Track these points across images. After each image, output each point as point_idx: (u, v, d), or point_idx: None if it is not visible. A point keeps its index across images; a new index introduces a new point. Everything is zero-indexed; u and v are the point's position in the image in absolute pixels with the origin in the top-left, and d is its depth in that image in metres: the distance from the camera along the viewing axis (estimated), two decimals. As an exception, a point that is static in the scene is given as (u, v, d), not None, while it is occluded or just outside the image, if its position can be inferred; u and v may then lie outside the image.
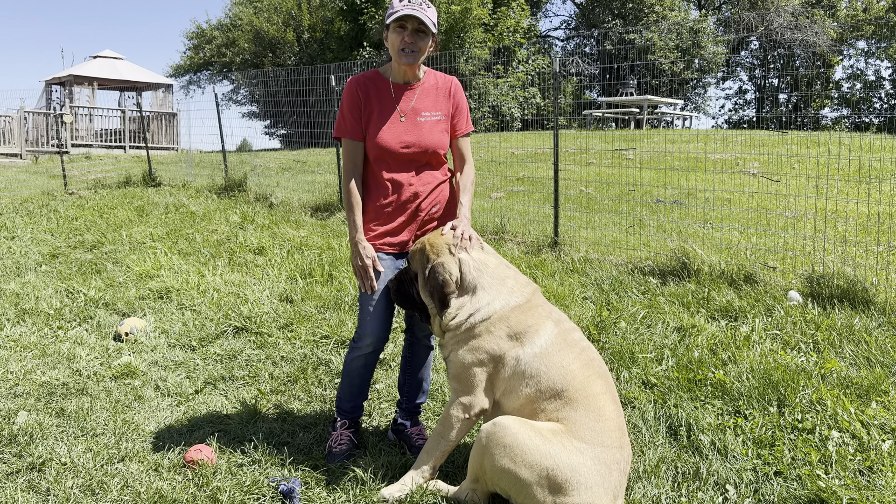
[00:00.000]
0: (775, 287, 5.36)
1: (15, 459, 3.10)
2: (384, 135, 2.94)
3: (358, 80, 3.00)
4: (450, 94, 3.10)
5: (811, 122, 32.10)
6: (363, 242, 2.95)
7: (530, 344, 2.64)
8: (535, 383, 2.59)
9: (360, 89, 2.97)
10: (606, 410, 2.54)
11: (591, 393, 2.56)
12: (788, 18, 31.30)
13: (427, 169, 3.05)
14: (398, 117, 2.98)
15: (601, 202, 9.27)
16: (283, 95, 12.93)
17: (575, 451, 2.42)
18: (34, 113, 22.00)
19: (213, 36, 32.84)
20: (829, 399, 3.42)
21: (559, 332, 2.68)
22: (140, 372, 4.17)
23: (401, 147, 2.95)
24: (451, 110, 3.09)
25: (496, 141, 14.08)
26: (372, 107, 2.97)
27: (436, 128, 3.03)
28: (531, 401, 2.59)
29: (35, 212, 10.24)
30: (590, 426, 2.48)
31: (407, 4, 2.84)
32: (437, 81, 3.09)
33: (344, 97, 2.99)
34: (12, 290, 5.93)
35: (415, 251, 2.90)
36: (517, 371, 2.64)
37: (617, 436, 2.51)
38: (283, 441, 3.27)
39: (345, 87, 3.01)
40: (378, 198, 3.01)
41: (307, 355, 4.41)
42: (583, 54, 31.69)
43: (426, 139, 2.99)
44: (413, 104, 3.00)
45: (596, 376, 2.62)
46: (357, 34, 24.37)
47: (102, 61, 25.53)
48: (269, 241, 7.63)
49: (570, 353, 2.64)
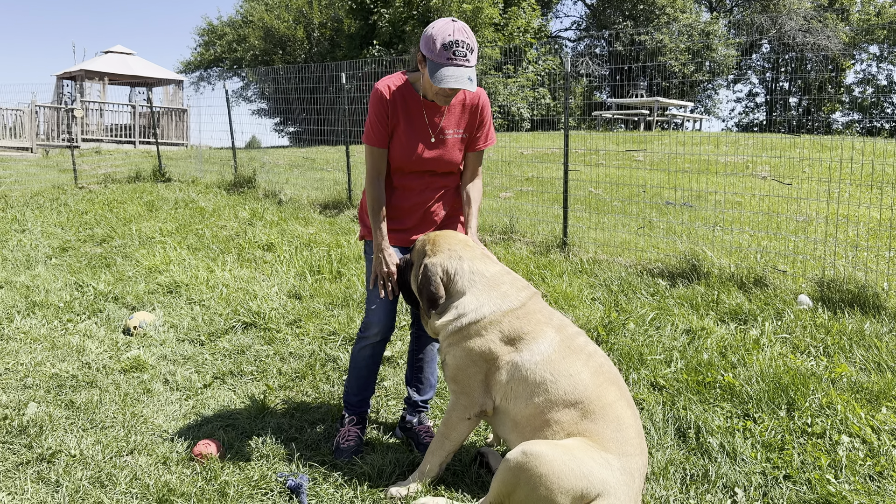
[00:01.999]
0: (785, 291, 5.34)
1: (25, 450, 3.11)
2: (410, 151, 2.94)
3: (387, 88, 2.92)
4: (477, 109, 3.04)
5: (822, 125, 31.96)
6: (389, 250, 2.96)
7: (529, 351, 2.60)
8: (544, 392, 2.54)
9: (388, 99, 2.91)
10: (625, 418, 2.50)
11: (608, 402, 2.51)
12: (800, 22, 31.15)
13: (440, 178, 3.08)
14: (429, 137, 2.96)
15: (610, 203, 9.25)
16: (293, 93, 12.96)
17: (605, 464, 2.37)
18: (45, 107, 22.12)
19: (224, 32, 32.97)
20: (839, 403, 3.40)
21: (562, 339, 2.63)
22: (149, 366, 4.19)
23: (420, 162, 2.98)
24: (474, 126, 3.06)
25: (505, 141, 14.06)
26: (398, 117, 2.93)
27: (456, 145, 3.04)
28: (541, 410, 2.54)
29: (45, 205, 10.30)
30: (612, 437, 2.44)
31: (454, 65, 2.68)
32: (464, 96, 3.01)
33: (372, 104, 2.93)
34: (22, 282, 5.96)
35: (418, 242, 2.90)
36: (518, 377, 2.59)
37: (637, 442, 2.48)
38: (291, 436, 3.28)
39: (372, 93, 2.94)
40: (391, 200, 3.03)
41: (315, 352, 4.42)
42: (593, 55, 31.64)
43: (447, 156, 3.02)
44: (441, 123, 2.98)
45: (608, 383, 2.57)
46: (367, 33, 24.39)
47: (114, 56, 25.65)
48: (278, 238, 7.65)
49: (577, 361, 2.59)
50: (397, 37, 22.86)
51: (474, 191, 3.13)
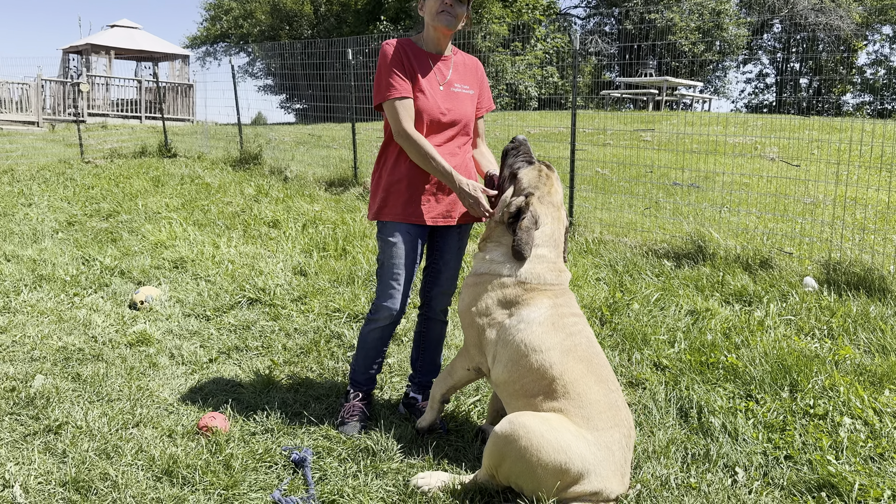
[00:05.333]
0: (791, 273, 5.32)
1: (32, 422, 3.15)
2: (428, 100, 2.96)
3: (395, 42, 2.99)
4: (476, 68, 3.18)
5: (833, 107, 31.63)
6: (464, 180, 2.88)
7: (517, 316, 2.66)
8: (515, 362, 2.61)
9: (401, 50, 2.96)
10: (589, 394, 2.50)
11: (571, 379, 2.52)
12: (813, 1, 30.72)
13: (456, 139, 3.07)
14: (438, 86, 3.01)
15: (617, 184, 9.21)
16: (299, 69, 12.88)
17: (581, 438, 2.40)
18: (51, 81, 22.06)
19: (231, 7, 32.72)
20: (842, 385, 3.40)
21: (552, 315, 2.65)
22: (155, 340, 4.22)
23: (440, 113, 2.98)
24: (479, 85, 3.17)
25: (512, 119, 13.98)
26: (414, 71, 2.97)
27: (467, 100, 3.09)
28: (514, 379, 2.61)
29: (52, 179, 10.32)
30: (577, 413, 2.47)
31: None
32: (464, 59, 3.16)
33: (386, 59, 2.93)
34: (29, 255, 5.99)
35: (534, 169, 2.85)
36: (502, 339, 2.67)
37: (608, 415, 2.48)
38: (295, 411, 3.30)
39: (382, 49, 2.96)
40: (408, 171, 3.00)
41: (320, 328, 4.44)
42: (602, 33, 31.31)
43: (460, 109, 3.04)
44: (449, 76, 3.05)
45: (576, 361, 2.57)
46: (374, 8, 24.19)
47: (120, 31, 25.51)
48: (284, 215, 7.65)
49: (554, 337, 2.60)
50: (404, 12, 22.65)
51: (486, 152, 3.27)
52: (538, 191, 2.78)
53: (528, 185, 2.79)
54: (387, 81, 2.91)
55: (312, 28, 27.93)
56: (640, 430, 3.11)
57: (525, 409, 2.55)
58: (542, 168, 2.85)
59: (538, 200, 2.76)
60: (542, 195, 2.78)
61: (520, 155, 2.90)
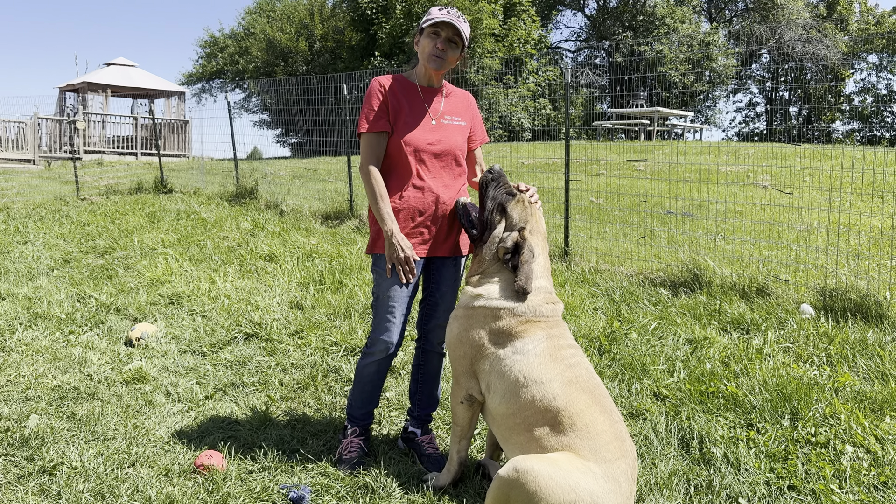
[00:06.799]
0: (787, 300, 5.33)
1: (26, 463, 3.11)
2: (414, 133, 3.01)
3: (382, 78, 3.08)
4: (469, 102, 3.24)
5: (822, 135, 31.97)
6: (399, 234, 2.94)
7: (512, 346, 2.65)
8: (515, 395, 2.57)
9: (385, 86, 3.04)
10: (596, 424, 2.48)
11: (576, 411, 2.50)
12: (799, 31, 31.27)
13: (448, 170, 3.10)
14: (429, 119, 3.06)
15: (611, 213, 9.25)
16: (294, 104, 13.01)
17: (589, 473, 2.36)
18: (48, 119, 22.20)
19: (226, 44, 33.14)
20: (842, 413, 3.39)
21: (549, 346, 2.64)
22: (151, 377, 4.18)
23: (427, 144, 3.03)
24: (471, 117, 3.22)
25: (506, 151, 14.09)
26: (400, 105, 3.02)
27: (458, 131, 3.13)
28: (513, 413, 2.58)
29: (47, 217, 10.32)
30: (585, 445, 2.44)
31: (446, 14, 2.93)
32: (456, 92, 3.22)
33: (369, 94, 3.04)
34: (25, 294, 5.97)
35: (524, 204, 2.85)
36: (496, 370, 2.65)
37: (615, 446, 2.46)
38: (293, 448, 3.27)
39: (369, 85, 3.07)
40: (399, 195, 3.01)
41: (317, 362, 4.41)
42: (593, 66, 31.75)
43: (449, 140, 3.08)
44: (441, 108, 3.10)
45: (579, 392, 2.55)
46: (368, 44, 24.52)
47: (116, 69, 25.77)
48: (280, 249, 7.66)
49: (554, 369, 2.58)
50: (397, 47, 22.97)
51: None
52: (528, 223, 2.80)
53: (518, 218, 2.81)
54: (361, 117, 3.05)
55: (307, 64, 28.27)
56: (642, 461, 3.09)
57: (527, 445, 2.51)
58: (525, 198, 2.87)
59: (530, 233, 2.78)
60: (532, 227, 2.80)
61: (500, 186, 2.89)
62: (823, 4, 38.23)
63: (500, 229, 2.82)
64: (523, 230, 2.76)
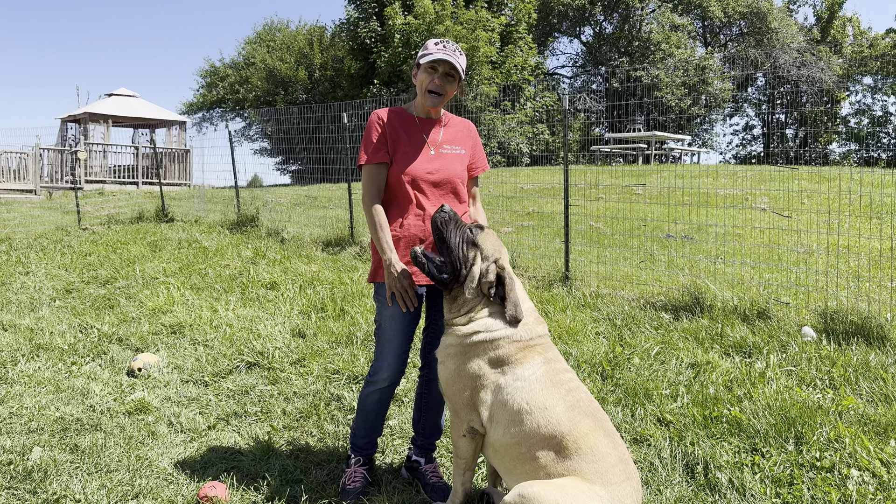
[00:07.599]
0: (789, 323, 5.34)
1: (30, 496, 3.09)
2: (414, 163, 3.04)
3: (380, 111, 3.12)
4: (468, 134, 3.26)
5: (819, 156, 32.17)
6: (399, 264, 2.94)
7: (512, 374, 2.64)
8: (519, 423, 2.56)
9: (384, 119, 3.09)
10: (601, 447, 2.49)
11: (581, 434, 2.50)
12: (794, 55, 31.62)
13: (447, 199, 3.12)
14: (428, 150, 3.10)
15: (611, 237, 9.29)
16: (295, 132, 13.12)
17: (595, 497, 2.36)
18: (49, 150, 22.35)
19: (227, 74, 33.50)
20: (847, 437, 3.38)
21: (547, 370, 2.65)
22: (153, 408, 4.18)
23: (426, 173, 3.06)
24: (471, 146, 3.25)
25: (505, 176, 14.18)
26: (399, 136, 3.07)
27: (457, 160, 3.16)
28: (518, 441, 2.56)
29: (49, 247, 10.35)
30: (591, 469, 2.44)
31: (442, 49, 2.97)
32: (455, 120, 3.25)
33: (368, 127, 3.10)
34: (27, 325, 5.97)
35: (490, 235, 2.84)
36: (499, 400, 2.63)
37: (620, 469, 2.47)
38: (296, 478, 3.26)
39: (368, 119, 3.12)
40: (399, 223, 3.04)
41: (320, 391, 4.41)
42: (590, 91, 32.05)
43: (449, 168, 3.10)
44: (440, 139, 3.14)
45: (582, 416, 2.56)
46: (367, 72, 24.76)
47: (117, 99, 26.01)
48: (282, 276, 7.67)
49: (556, 394, 2.59)
50: (396, 76, 23.20)
51: (481, 215, 3.32)
52: (499, 252, 2.82)
53: (491, 250, 2.81)
54: (361, 149, 3.10)
55: (307, 92, 28.54)
56: (647, 488, 3.07)
57: (531, 476, 2.51)
58: (490, 230, 2.91)
59: (504, 262, 2.80)
60: (502, 256, 2.82)
61: (460, 223, 2.84)
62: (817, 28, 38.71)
63: (478, 265, 2.79)
64: (498, 260, 2.78)
